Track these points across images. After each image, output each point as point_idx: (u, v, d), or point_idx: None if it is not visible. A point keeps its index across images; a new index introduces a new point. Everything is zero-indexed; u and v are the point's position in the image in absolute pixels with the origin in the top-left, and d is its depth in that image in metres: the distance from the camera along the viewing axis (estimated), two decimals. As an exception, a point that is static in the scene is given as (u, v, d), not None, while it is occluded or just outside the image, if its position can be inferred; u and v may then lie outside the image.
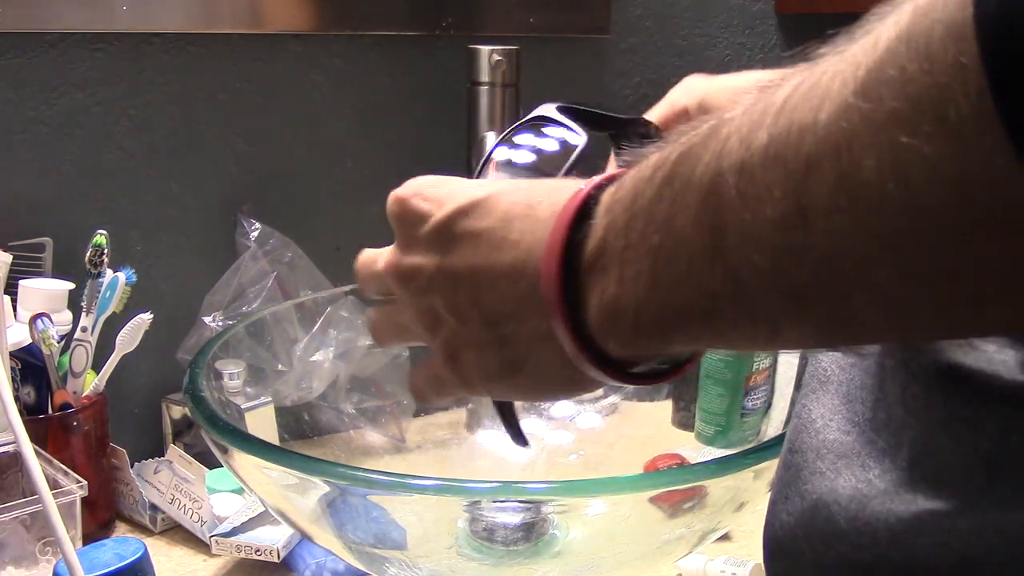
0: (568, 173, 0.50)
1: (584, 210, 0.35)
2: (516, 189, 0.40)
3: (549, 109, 0.54)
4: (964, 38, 0.22)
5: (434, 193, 0.42)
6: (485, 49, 1.00)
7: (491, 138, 0.98)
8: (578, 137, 0.52)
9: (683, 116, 0.62)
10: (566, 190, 0.37)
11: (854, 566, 0.34)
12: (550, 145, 0.53)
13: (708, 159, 0.30)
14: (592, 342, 0.35)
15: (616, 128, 0.57)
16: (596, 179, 0.36)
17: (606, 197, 0.35)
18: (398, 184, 0.46)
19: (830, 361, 0.39)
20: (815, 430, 0.38)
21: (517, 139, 0.53)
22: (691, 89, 0.63)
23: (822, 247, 0.27)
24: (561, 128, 0.53)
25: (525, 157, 0.53)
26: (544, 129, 0.54)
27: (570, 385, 0.39)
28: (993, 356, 0.32)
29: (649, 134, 0.58)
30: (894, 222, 0.25)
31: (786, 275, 0.28)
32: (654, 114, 0.63)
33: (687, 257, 0.31)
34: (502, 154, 0.53)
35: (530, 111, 0.54)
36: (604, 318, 0.34)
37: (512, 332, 0.38)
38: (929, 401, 0.33)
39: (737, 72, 0.66)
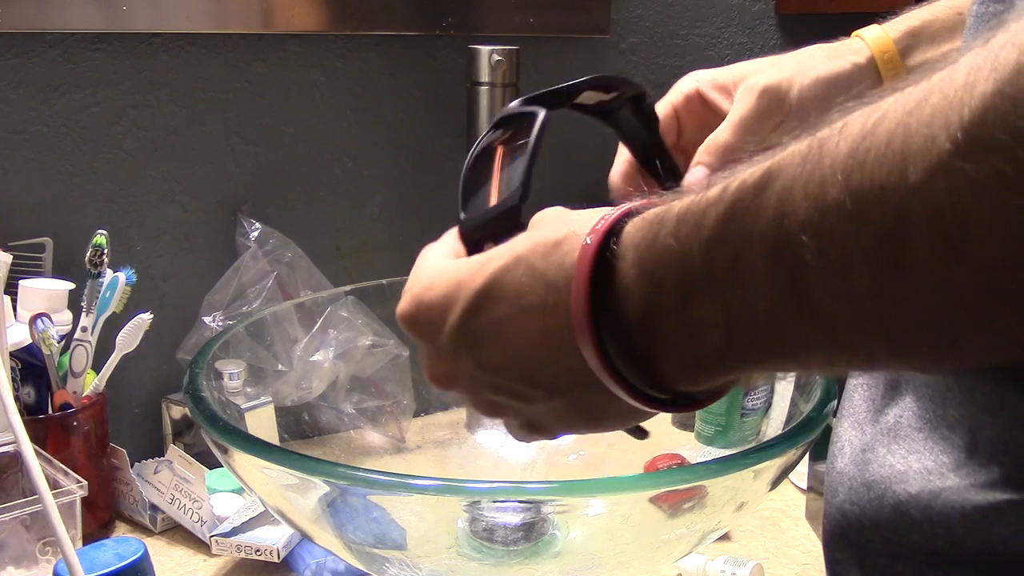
0: (536, 146, 0.49)
1: (599, 264, 0.35)
2: (514, 260, 0.38)
3: (511, 107, 0.54)
4: None
5: (435, 297, 0.41)
6: (485, 49, 1.00)
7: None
8: (536, 114, 0.52)
9: (695, 100, 0.62)
10: (567, 249, 0.36)
11: (928, 554, 0.34)
12: (516, 136, 0.53)
13: (770, 216, 0.29)
14: (661, 392, 0.36)
15: (575, 94, 0.56)
16: (599, 231, 0.35)
17: (631, 253, 0.34)
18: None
19: None
20: (888, 428, 0.38)
21: (487, 142, 0.54)
22: (697, 75, 0.64)
23: (929, 299, 0.26)
24: (521, 116, 0.53)
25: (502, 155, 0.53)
26: (510, 125, 0.54)
27: (647, 415, 0.40)
28: None
29: (640, 92, 0.57)
30: (1010, 275, 0.25)
31: (886, 323, 0.28)
32: (664, 104, 0.64)
33: (765, 310, 0.31)
34: (483, 158, 0.53)
35: (494, 118, 0.55)
36: (682, 369, 0.35)
37: (580, 397, 0.38)
38: (1003, 398, 0.33)
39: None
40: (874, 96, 0.28)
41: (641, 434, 0.49)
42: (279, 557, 0.78)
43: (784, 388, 0.84)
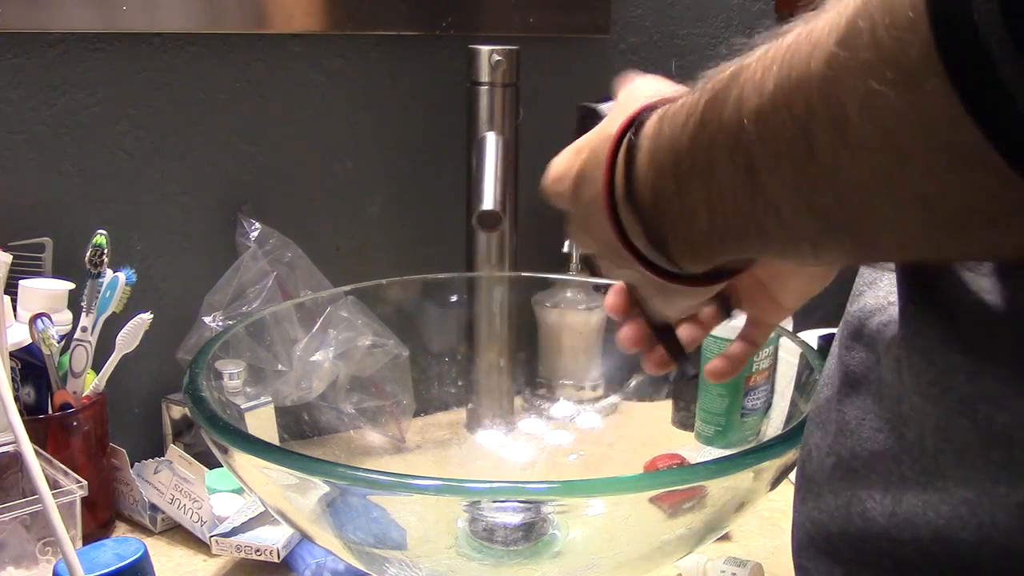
0: None
1: (618, 154, 0.41)
2: (589, 151, 0.46)
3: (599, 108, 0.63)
4: None
5: (555, 178, 0.50)
6: (485, 49, 1.00)
7: (491, 138, 0.98)
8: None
9: None
10: (607, 139, 0.43)
11: (896, 561, 0.34)
12: None
13: (731, 104, 0.33)
14: (671, 266, 0.42)
15: None
16: (621, 124, 0.41)
17: (647, 142, 0.40)
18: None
19: (857, 363, 0.40)
20: (849, 431, 0.38)
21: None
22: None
23: (834, 179, 0.30)
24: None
25: None
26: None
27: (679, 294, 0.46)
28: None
29: None
30: (879, 157, 0.27)
31: (811, 204, 0.31)
32: None
33: (732, 196, 0.35)
34: None
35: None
36: (682, 247, 0.40)
37: (629, 274, 0.47)
38: (946, 385, 0.34)
39: None
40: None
41: (680, 353, 0.57)
42: (279, 557, 0.78)
43: (784, 388, 0.84)
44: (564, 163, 0.49)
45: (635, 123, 0.41)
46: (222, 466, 0.76)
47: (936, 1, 0.24)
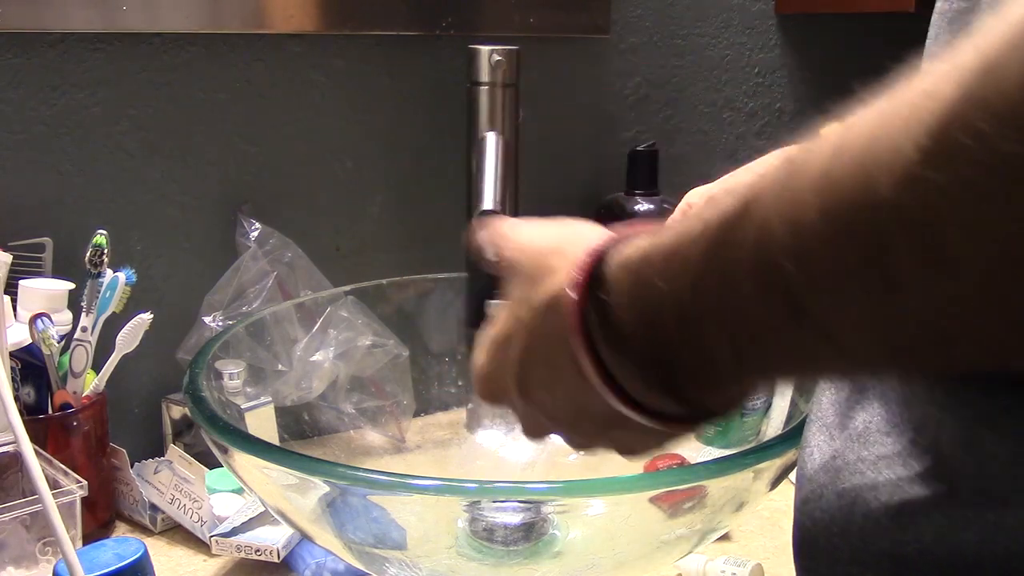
0: None
1: (588, 314, 0.36)
2: (526, 334, 0.41)
3: None
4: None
5: (488, 374, 0.45)
6: (485, 49, 1.00)
7: (491, 138, 0.98)
8: None
9: None
10: (563, 312, 0.38)
11: (896, 561, 0.34)
12: None
13: (751, 247, 0.29)
14: (689, 404, 0.37)
15: None
16: (579, 284, 0.37)
17: (623, 299, 0.35)
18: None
19: None
20: (856, 435, 0.38)
21: None
22: (697, 194, 0.63)
23: (922, 310, 0.26)
24: None
25: None
26: None
27: (679, 440, 0.41)
28: None
29: None
30: (997, 282, 0.24)
31: (886, 336, 0.27)
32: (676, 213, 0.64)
33: (769, 330, 0.30)
34: None
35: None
36: (704, 393, 0.36)
37: (620, 435, 0.42)
38: (964, 397, 0.33)
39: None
40: (848, 114, 0.27)
41: None
42: (279, 557, 0.78)
43: (784, 388, 0.84)
44: (491, 360, 0.44)
45: (592, 277, 0.36)
46: (222, 466, 0.76)
47: None
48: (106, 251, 0.83)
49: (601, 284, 0.36)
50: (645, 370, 0.36)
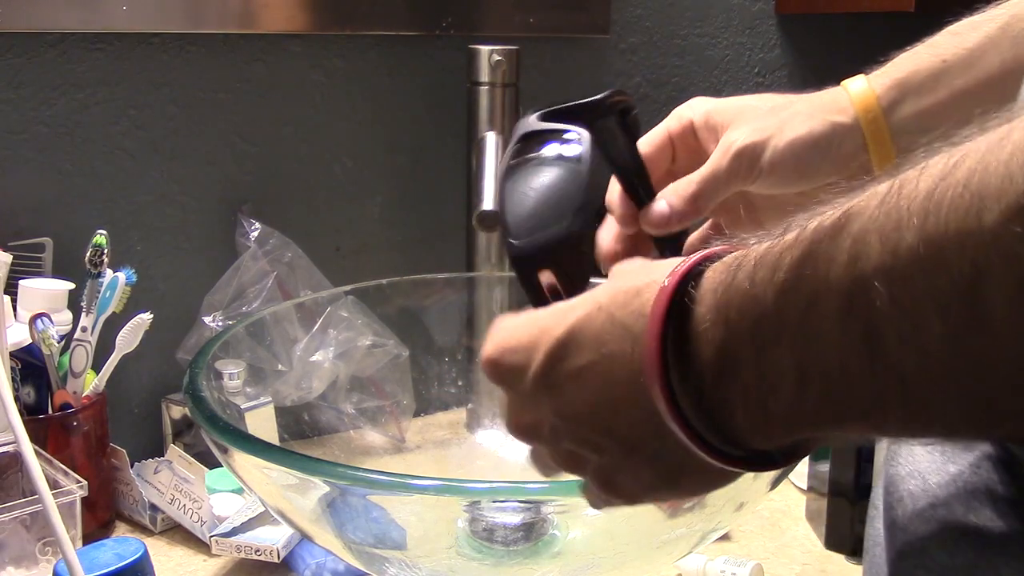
0: (593, 167, 0.50)
1: (674, 309, 0.34)
2: (596, 309, 0.38)
3: (532, 123, 0.54)
4: None
5: (519, 343, 0.41)
6: (485, 49, 1.00)
7: (491, 138, 0.98)
8: (577, 145, 0.52)
9: (688, 131, 0.61)
10: (646, 297, 0.36)
11: None
12: (560, 151, 0.52)
13: (844, 260, 0.28)
14: (735, 444, 0.35)
15: (594, 112, 0.56)
16: (676, 274, 0.35)
17: (709, 297, 0.34)
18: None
19: None
20: (953, 478, 0.36)
21: (528, 158, 0.53)
22: (696, 105, 0.62)
23: (1008, 355, 0.25)
24: (556, 135, 0.53)
25: (547, 172, 0.52)
26: (545, 142, 0.54)
27: (727, 478, 0.38)
28: None
29: (627, 107, 0.57)
30: None
31: (966, 382, 0.26)
32: (660, 129, 0.62)
33: (839, 358, 0.29)
34: (521, 177, 0.52)
35: (515, 134, 0.54)
36: (755, 425, 0.34)
37: (658, 448, 0.37)
38: None
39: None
40: (961, 134, 0.27)
41: None
42: (279, 557, 0.78)
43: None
44: (533, 329, 0.40)
45: (692, 274, 0.35)
46: (222, 466, 0.76)
47: None
48: (106, 251, 0.83)
49: (696, 280, 0.35)
50: (704, 377, 0.34)
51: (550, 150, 0.53)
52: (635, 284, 0.37)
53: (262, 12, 0.96)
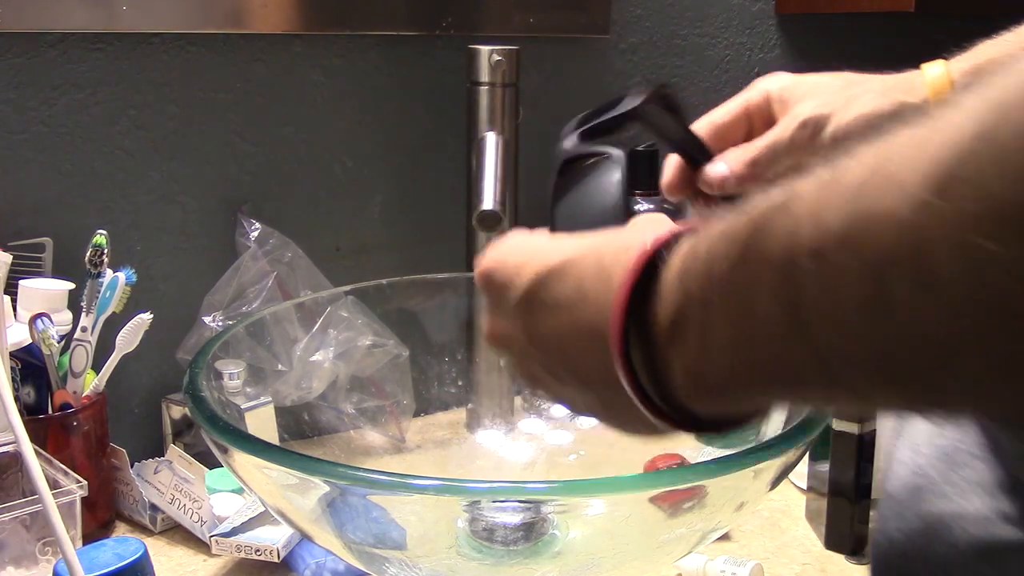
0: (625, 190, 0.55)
1: (648, 270, 0.36)
2: (590, 251, 0.41)
3: (569, 148, 0.59)
4: None
5: (514, 261, 0.44)
6: (485, 49, 1.00)
7: (491, 138, 0.98)
8: (613, 156, 0.58)
9: (765, 103, 0.63)
10: (633, 251, 0.37)
11: None
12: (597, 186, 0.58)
13: (781, 237, 0.30)
14: (676, 408, 0.37)
15: (630, 119, 0.60)
16: (654, 241, 0.37)
17: (677, 262, 0.36)
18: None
19: None
20: (944, 453, 0.38)
21: (570, 189, 0.59)
22: (774, 79, 0.64)
23: (908, 335, 0.27)
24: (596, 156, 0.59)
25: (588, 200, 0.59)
26: (583, 176, 0.59)
27: (662, 433, 0.40)
28: None
29: (671, 99, 0.61)
30: (976, 317, 0.25)
31: (872, 357, 0.28)
32: (739, 100, 0.65)
33: (768, 332, 0.31)
34: (565, 206, 0.57)
35: (557, 158, 0.60)
36: (689, 385, 0.36)
37: (609, 398, 0.40)
38: None
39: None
40: (899, 124, 0.28)
41: None
42: (279, 557, 0.78)
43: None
44: (531, 251, 0.43)
45: (669, 242, 0.37)
46: (222, 466, 0.76)
47: None
48: (106, 251, 0.83)
49: (669, 247, 0.37)
50: (659, 338, 0.36)
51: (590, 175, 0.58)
52: (630, 240, 0.38)
53: (262, 12, 0.96)
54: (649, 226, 0.40)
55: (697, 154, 0.62)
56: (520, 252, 0.44)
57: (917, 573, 0.37)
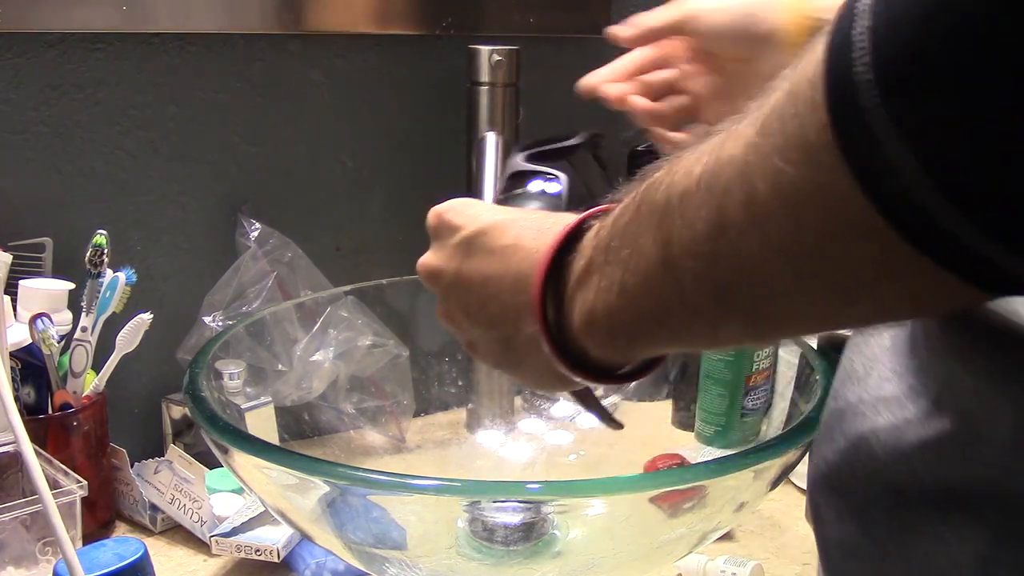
0: (569, 204, 0.65)
1: (575, 234, 0.43)
2: (532, 218, 0.48)
3: (519, 163, 0.69)
4: (815, 87, 0.29)
5: (465, 212, 0.51)
6: (485, 49, 1.00)
7: (491, 138, 0.98)
8: (557, 184, 0.67)
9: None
10: (572, 218, 0.44)
11: (896, 495, 0.38)
12: (544, 187, 0.68)
13: (664, 187, 0.36)
14: (571, 348, 0.43)
15: (571, 151, 0.72)
16: (592, 210, 0.43)
17: (598, 223, 0.42)
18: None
19: None
20: (858, 378, 0.42)
21: (515, 193, 0.68)
22: None
23: (738, 255, 0.33)
24: (538, 179, 0.68)
25: (532, 206, 0.68)
26: (528, 183, 0.69)
27: (559, 382, 0.47)
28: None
29: (597, 141, 0.74)
30: (781, 231, 0.31)
31: (713, 278, 0.34)
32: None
33: (646, 268, 0.37)
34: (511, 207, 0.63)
35: (505, 171, 0.70)
36: (583, 322, 0.41)
37: (512, 336, 0.47)
38: (954, 346, 0.37)
39: None
40: (755, 103, 0.34)
41: (615, 424, 0.56)
42: (279, 557, 0.78)
43: (784, 388, 0.84)
44: (483, 208, 0.51)
45: (600, 213, 0.43)
46: (222, 466, 0.76)
47: (832, 92, 0.28)
48: (106, 251, 0.83)
49: (592, 221, 0.43)
50: (570, 283, 0.42)
51: (535, 186, 0.67)
52: (568, 215, 0.45)
53: (262, 12, 0.96)
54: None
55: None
56: (474, 207, 0.52)
57: (850, 487, 0.40)
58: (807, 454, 0.59)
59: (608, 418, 0.56)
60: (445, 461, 0.92)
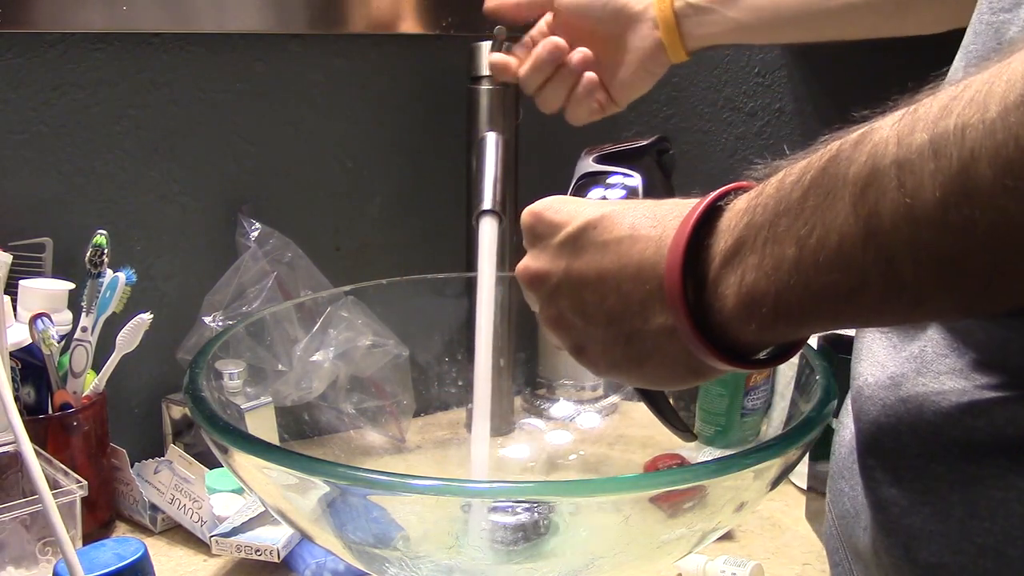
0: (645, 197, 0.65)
1: (710, 213, 0.40)
2: (641, 206, 0.45)
3: (591, 165, 0.74)
4: None
5: (565, 208, 0.48)
6: (486, 44, 0.99)
7: (491, 138, 0.98)
8: (633, 179, 0.70)
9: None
10: (690, 202, 0.42)
11: (965, 449, 0.38)
12: (623, 182, 0.71)
13: (863, 159, 0.34)
14: (717, 333, 0.40)
15: (643, 152, 0.74)
16: (720, 190, 0.41)
17: (741, 202, 0.40)
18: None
19: None
20: (913, 357, 0.42)
21: (592, 194, 0.71)
22: None
23: (987, 221, 0.31)
24: (616, 176, 0.71)
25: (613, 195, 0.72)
26: (608, 180, 0.67)
27: (693, 374, 0.44)
28: None
29: (665, 147, 0.76)
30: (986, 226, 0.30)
31: (947, 249, 0.32)
32: None
33: (838, 243, 0.35)
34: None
35: (576, 173, 0.75)
36: (740, 304, 0.39)
37: (638, 329, 0.43)
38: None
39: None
40: (951, 85, 0.33)
41: (688, 435, 0.54)
42: (279, 557, 0.78)
43: (784, 388, 0.84)
44: (579, 203, 0.48)
45: (728, 192, 0.41)
46: (222, 466, 0.76)
47: None
48: (106, 251, 0.83)
49: (725, 202, 0.41)
50: (714, 262, 0.39)
51: (615, 180, 0.70)
52: (682, 200, 0.43)
53: (262, 12, 0.96)
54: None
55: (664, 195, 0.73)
56: (573, 203, 0.48)
57: (907, 445, 0.40)
58: (807, 452, 0.59)
59: (682, 425, 0.53)
60: (445, 461, 0.92)
